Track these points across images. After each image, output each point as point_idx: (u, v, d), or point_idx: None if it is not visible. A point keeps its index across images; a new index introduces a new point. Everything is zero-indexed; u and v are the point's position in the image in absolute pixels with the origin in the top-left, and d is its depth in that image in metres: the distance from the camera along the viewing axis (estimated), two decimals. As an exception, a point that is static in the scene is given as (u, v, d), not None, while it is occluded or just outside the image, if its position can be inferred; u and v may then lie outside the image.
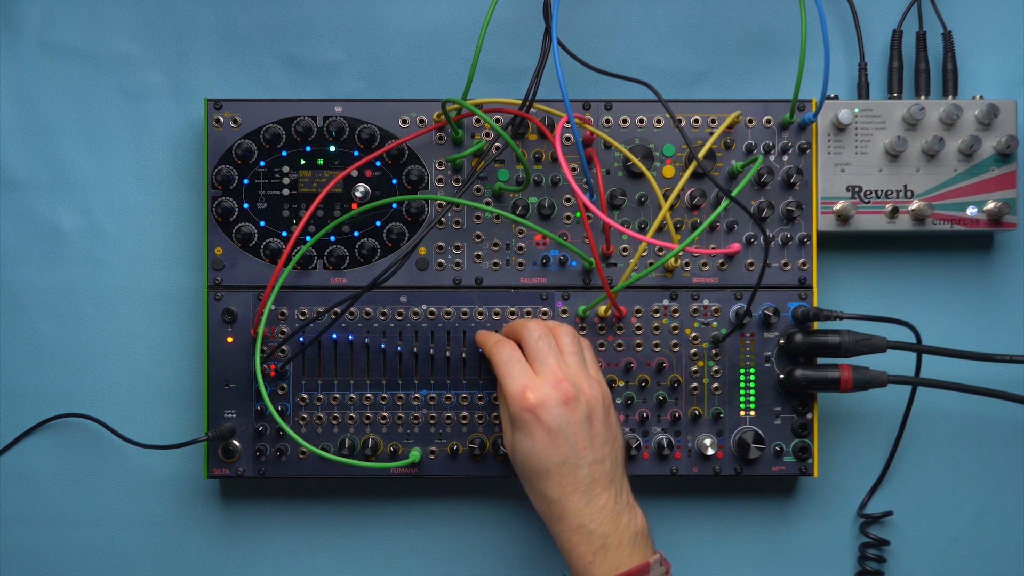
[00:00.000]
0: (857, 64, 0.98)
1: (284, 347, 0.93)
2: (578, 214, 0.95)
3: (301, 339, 0.94)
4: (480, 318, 0.95)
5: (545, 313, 0.95)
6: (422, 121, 0.95)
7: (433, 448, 0.95)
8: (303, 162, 0.94)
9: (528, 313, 0.95)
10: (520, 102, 0.91)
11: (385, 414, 0.95)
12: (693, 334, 0.95)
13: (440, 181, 0.95)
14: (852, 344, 0.92)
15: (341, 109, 0.94)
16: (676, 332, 0.95)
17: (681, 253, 0.95)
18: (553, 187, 0.95)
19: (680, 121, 0.92)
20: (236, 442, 0.94)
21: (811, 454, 0.95)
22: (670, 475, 0.95)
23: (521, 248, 0.95)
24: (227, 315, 0.94)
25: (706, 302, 0.95)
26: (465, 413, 0.95)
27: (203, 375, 0.95)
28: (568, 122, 0.91)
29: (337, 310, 0.93)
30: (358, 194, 0.94)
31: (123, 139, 0.98)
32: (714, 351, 0.95)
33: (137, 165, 0.98)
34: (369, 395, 0.95)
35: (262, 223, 0.94)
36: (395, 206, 0.94)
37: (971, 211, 0.95)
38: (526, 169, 0.92)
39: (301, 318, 0.94)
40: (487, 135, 0.95)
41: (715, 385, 0.95)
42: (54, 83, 0.98)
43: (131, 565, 0.98)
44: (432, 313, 0.95)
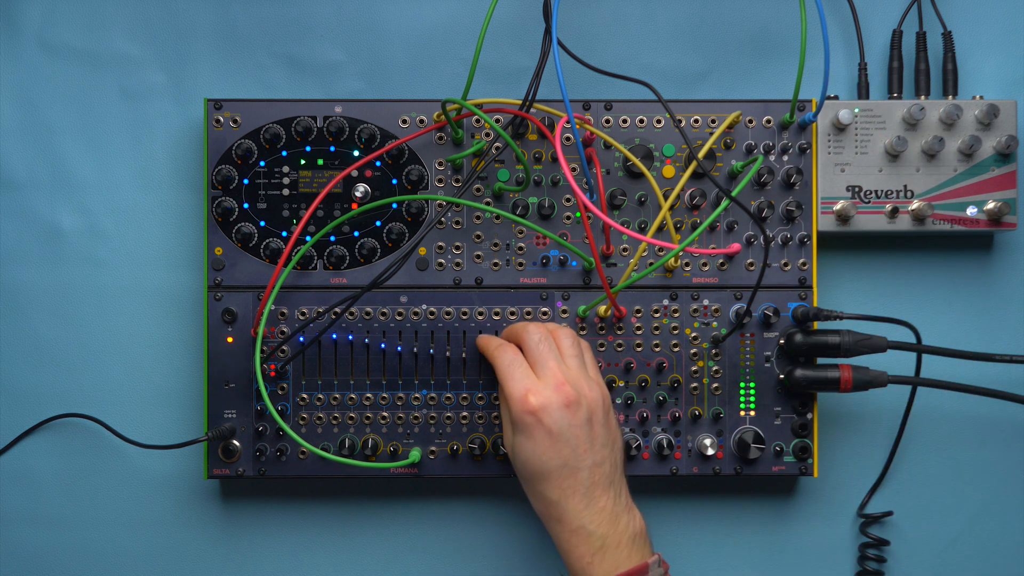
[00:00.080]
0: (857, 64, 0.98)
1: (284, 347, 0.93)
2: (578, 214, 0.95)
3: (301, 339, 0.94)
4: (480, 318, 0.95)
5: (545, 313, 0.95)
6: (422, 121, 0.95)
7: (433, 448, 0.95)
8: (303, 162, 0.94)
9: (528, 313, 0.95)
10: (520, 102, 0.91)
11: (385, 414, 0.95)
12: (693, 334, 0.95)
13: (440, 181, 0.95)
14: (852, 344, 0.92)
15: (341, 109, 0.94)
16: (676, 332, 0.95)
17: (681, 253, 0.95)
18: (553, 187, 0.95)
19: (680, 121, 0.92)
20: (236, 442, 0.94)
21: (811, 454, 0.95)
22: (670, 475, 0.95)
23: (521, 248, 0.95)
24: (227, 315, 0.94)
25: (706, 302, 0.95)
26: (465, 413, 0.95)
27: (203, 375, 0.95)
28: (568, 122, 0.91)
29: (337, 310, 0.93)
30: (358, 194, 0.93)
31: (123, 139, 0.98)
32: (714, 351, 0.95)
33: (137, 165, 0.98)
34: (369, 395, 0.95)
35: (262, 223, 0.94)
36: (395, 206, 0.94)
37: (971, 211, 0.95)
38: (526, 169, 0.92)
39: (301, 318, 0.94)
40: (487, 135, 0.95)
41: (715, 385, 0.95)
42: (54, 83, 0.98)
43: (131, 565, 0.98)
44: (432, 313, 0.95)
